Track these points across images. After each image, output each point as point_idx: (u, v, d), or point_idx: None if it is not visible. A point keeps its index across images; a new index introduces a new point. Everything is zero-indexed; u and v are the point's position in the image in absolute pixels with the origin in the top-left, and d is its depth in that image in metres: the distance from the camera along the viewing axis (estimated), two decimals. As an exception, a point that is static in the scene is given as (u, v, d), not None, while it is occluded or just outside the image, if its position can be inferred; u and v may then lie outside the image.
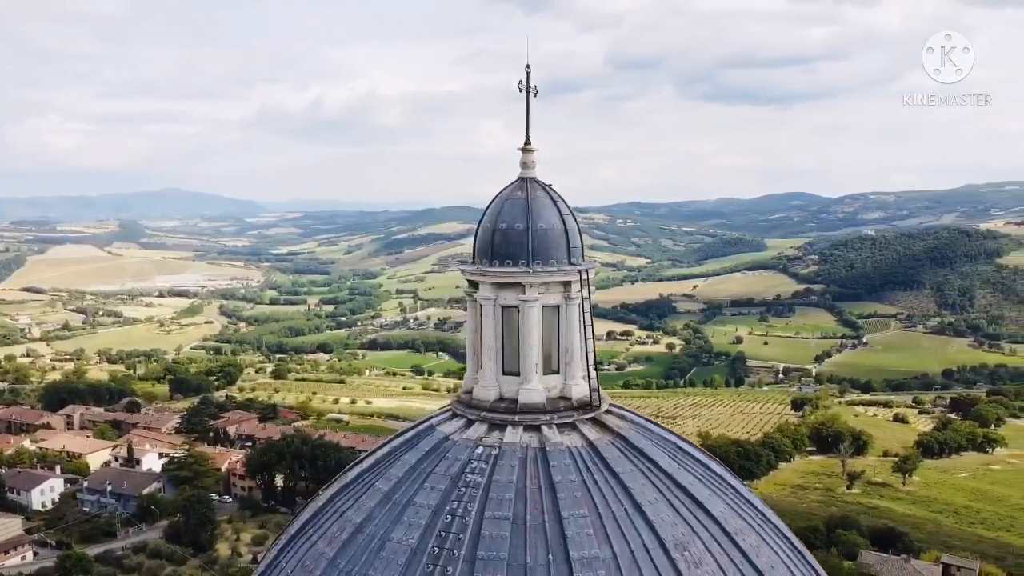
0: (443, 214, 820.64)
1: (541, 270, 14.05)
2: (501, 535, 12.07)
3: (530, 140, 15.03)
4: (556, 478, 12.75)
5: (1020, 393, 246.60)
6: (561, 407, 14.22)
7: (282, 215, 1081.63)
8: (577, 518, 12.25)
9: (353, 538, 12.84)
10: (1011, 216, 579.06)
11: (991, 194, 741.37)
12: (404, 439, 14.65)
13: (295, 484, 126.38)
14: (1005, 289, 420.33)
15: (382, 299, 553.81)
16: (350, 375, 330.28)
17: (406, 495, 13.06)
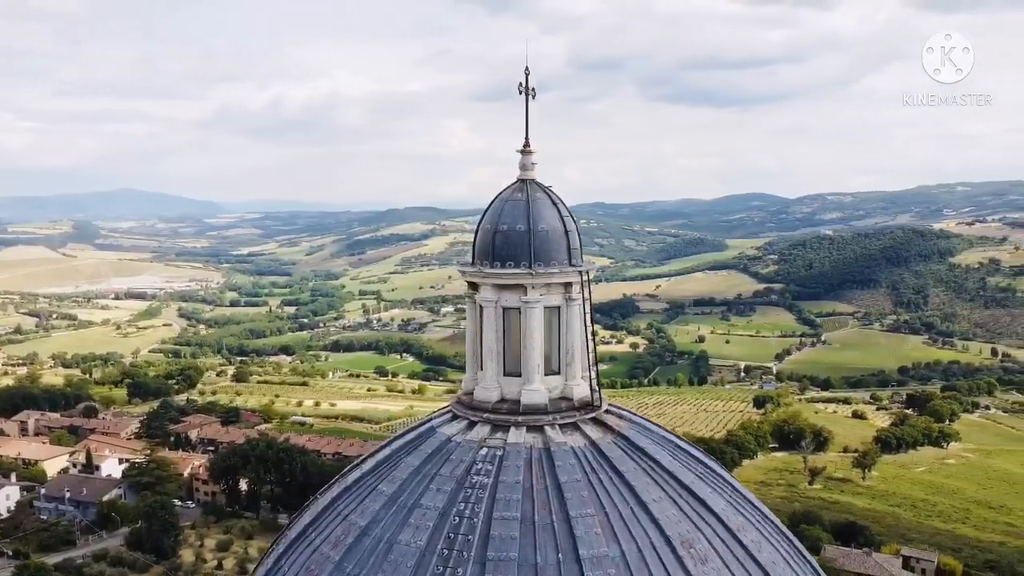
0: (406, 215, 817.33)
1: (543, 271, 14.13)
2: (511, 535, 12.13)
3: (529, 142, 15.06)
4: (562, 478, 12.84)
5: (973, 389, 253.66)
6: (563, 407, 14.31)
7: (242, 216, 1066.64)
8: (585, 517, 12.35)
9: (359, 541, 12.78)
10: (962, 216, 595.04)
11: (943, 195, 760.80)
12: (405, 441, 14.61)
13: (260, 488, 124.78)
14: (957, 288, 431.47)
15: (345, 300, 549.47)
16: (313, 377, 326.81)
17: (411, 497, 13.04)
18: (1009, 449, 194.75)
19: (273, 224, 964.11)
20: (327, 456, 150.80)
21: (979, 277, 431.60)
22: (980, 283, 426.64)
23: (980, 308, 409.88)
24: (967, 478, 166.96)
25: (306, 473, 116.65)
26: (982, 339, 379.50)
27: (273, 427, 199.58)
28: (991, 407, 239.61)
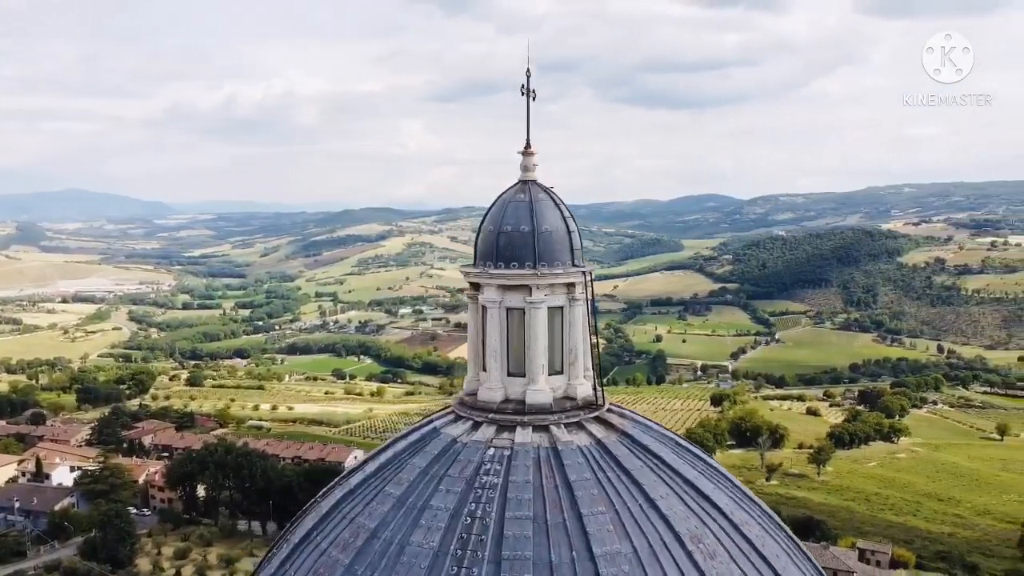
0: (362, 215, 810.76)
1: (548, 272, 14.21)
2: (524, 535, 12.18)
3: (530, 144, 15.13)
4: (572, 477, 12.93)
5: (921, 385, 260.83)
6: (568, 407, 14.42)
7: (194, 216, 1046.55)
8: (596, 515, 12.47)
9: (369, 544, 12.70)
10: (909, 217, 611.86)
11: (891, 196, 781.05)
12: (408, 443, 14.55)
13: (218, 494, 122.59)
14: (905, 286, 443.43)
15: (301, 302, 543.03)
16: (269, 381, 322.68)
17: (421, 499, 13.01)
18: (956, 443, 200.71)
19: (226, 225, 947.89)
20: (286, 460, 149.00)
21: (925, 276, 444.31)
22: (926, 282, 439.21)
23: (926, 306, 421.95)
24: (917, 472, 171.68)
25: (266, 478, 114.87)
26: (928, 336, 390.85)
27: (230, 432, 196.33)
28: (938, 402, 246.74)
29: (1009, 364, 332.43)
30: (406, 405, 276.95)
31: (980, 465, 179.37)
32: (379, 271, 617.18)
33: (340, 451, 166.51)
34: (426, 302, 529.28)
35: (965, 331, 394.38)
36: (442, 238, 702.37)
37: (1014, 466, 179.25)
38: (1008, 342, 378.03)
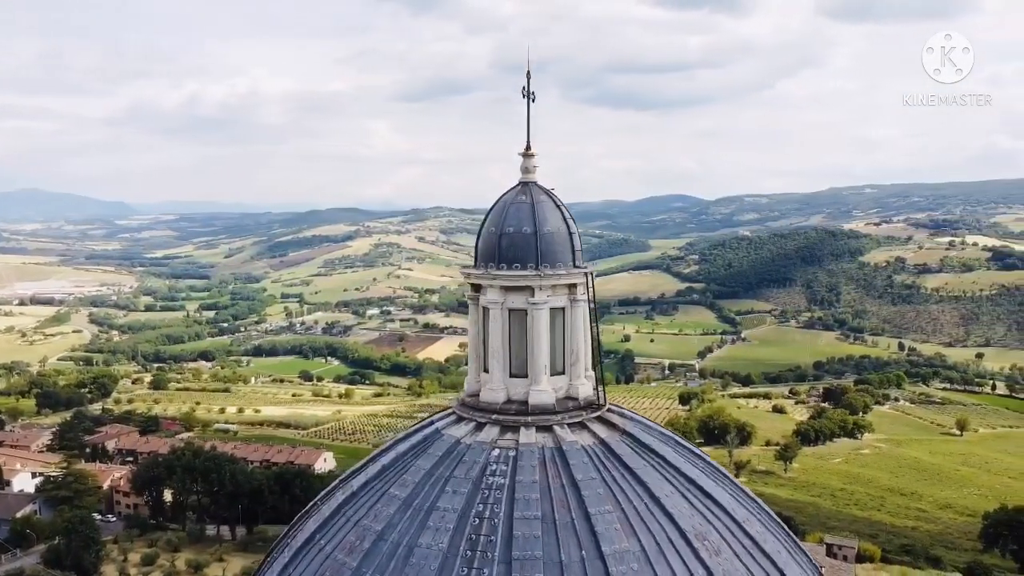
0: (328, 216, 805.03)
1: (551, 273, 14.29)
2: (533, 534, 12.24)
3: (530, 145, 15.19)
4: (578, 476, 13.02)
5: (883, 382, 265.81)
6: (570, 407, 14.51)
7: (156, 217, 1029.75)
8: (604, 514, 12.57)
9: (376, 546, 12.66)
10: (870, 217, 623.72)
11: (852, 196, 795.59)
12: (410, 444, 14.53)
13: (186, 499, 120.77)
14: (867, 285, 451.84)
15: (266, 303, 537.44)
16: (235, 383, 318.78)
17: (427, 500, 13.01)
18: (917, 439, 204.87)
19: (189, 226, 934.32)
20: (255, 464, 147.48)
21: (886, 275, 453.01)
22: (887, 281, 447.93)
23: (888, 305, 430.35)
24: (880, 467, 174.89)
25: (235, 482, 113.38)
26: (890, 334, 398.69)
27: (196, 435, 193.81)
28: (900, 399, 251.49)
29: (967, 361, 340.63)
30: (375, 407, 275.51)
31: (941, 460, 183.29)
32: (346, 272, 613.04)
33: (310, 454, 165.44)
34: (394, 303, 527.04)
35: (925, 329, 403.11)
36: (409, 238, 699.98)
37: (973, 460, 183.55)
38: (966, 339, 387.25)
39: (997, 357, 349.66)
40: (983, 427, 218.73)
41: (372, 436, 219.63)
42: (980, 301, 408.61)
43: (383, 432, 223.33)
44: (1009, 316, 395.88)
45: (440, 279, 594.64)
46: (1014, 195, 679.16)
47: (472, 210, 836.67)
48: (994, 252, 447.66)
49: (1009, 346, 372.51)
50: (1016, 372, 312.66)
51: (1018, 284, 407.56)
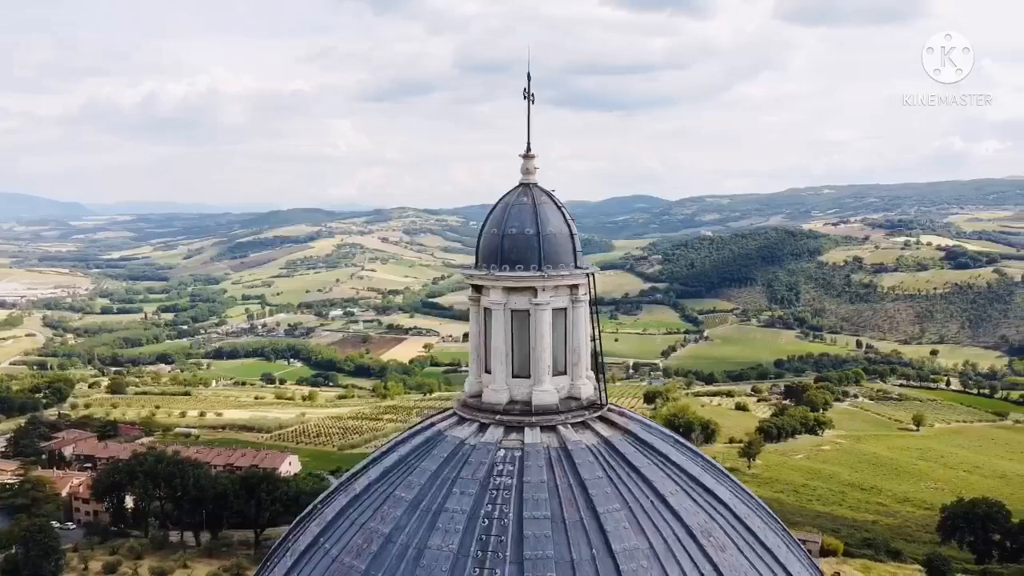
0: (290, 216, 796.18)
1: (554, 274, 14.37)
2: (544, 534, 12.30)
3: (531, 147, 15.25)
4: (584, 475, 13.11)
5: (842, 379, 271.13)
6: (573, 407, 14.60)
7: (112, 218, 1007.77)
8: (612, 512, 12.67)
9: (384, 548, 12.61)
10: (828, 217, 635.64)
11: (811, 197, 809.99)
12: (413, 446, 14.47)
13: (148, 505, 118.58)
14: (825, 284, 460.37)
15: (227, 305, 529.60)
16: (196, 386, 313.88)
17: (434, 502, 12.99)
18: (876, 434, 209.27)
19: (147, 226, 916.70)
20: (218, 468, 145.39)
21: (844, 274, 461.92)
22: (845, 280, 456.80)
23: (846, 303, 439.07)
24: (841, 463, 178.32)
25: (200, 487, 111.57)
26: (848, 332, 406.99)
27: (156, 440, 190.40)
28: (859, 396, 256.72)
29: (922, 358, 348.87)
30: (339, 409, 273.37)
31: (899, 455, 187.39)
32: (308, 273, 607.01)
33: (274, 457, 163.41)
34: (357, 304, 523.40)
35: (881, 327, 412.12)
36: (373, 239, 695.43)
37: (930, 455, 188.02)
38: (921, 337, 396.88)
39: (951, 354, 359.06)
40: (939, 422, 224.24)
41: (337, 439, 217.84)
42: (934, 299, 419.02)
43: (348, 434, 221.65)
44: (962, 314, 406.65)
45: (404, 280, 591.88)
46: (966, 196, 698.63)
47: (436, 211, 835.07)
48: (947, 252, 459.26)
49: (962, 343, 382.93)
50: (969, 368, 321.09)
51: (970, 283, 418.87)
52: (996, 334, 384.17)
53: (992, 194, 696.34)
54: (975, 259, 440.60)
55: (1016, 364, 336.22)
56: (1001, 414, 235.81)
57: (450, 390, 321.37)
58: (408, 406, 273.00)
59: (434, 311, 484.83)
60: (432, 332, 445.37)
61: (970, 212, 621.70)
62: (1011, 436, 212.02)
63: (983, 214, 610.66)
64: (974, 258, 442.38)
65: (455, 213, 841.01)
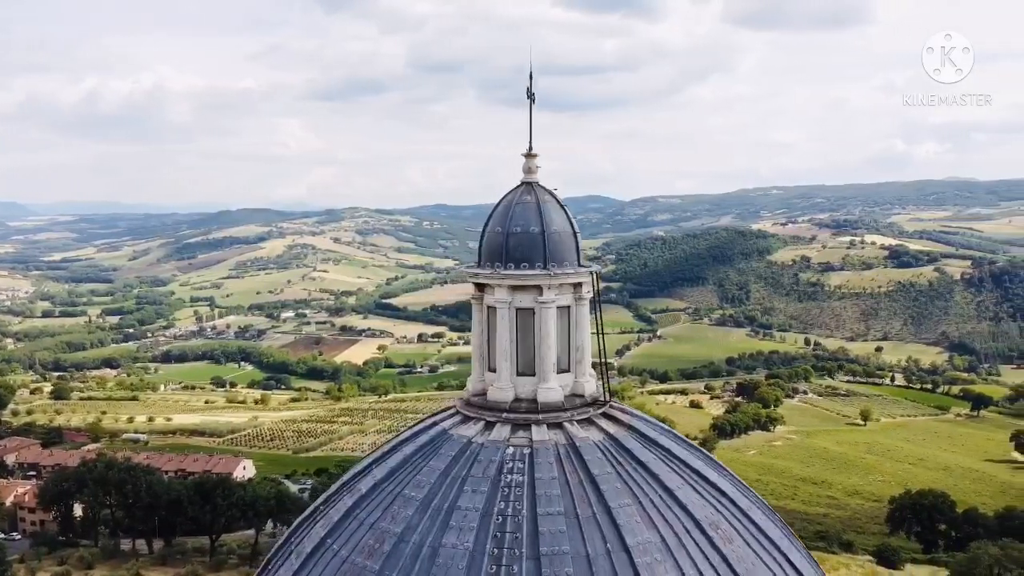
0: (239, 217, 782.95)
1: (560, 272, 14.47)
2: (559, 530, 12.39)
3: (532, 146, 15.34)
4: (594, 471, 13.24)
5: (792, 376, 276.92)
6: (578, 404, 14.74)
7: (53, 218, 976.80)
8: (624, 507, 12.82)
9: (397, 548, 12.55)
10: (777, 218, 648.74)
11: (760, 198, 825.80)
12: (417, 445, 14.41)
13: (98, 513, 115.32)
14: (774, 283, 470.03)
15: (175, 308, 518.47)
16: (144, 391, 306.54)
17: (445, 500, 12.98)
18: (825, 429, 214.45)
19: (90, 227, 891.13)
20: (169, 474, 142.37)
21: (792, 273, 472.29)
22: (793, 279, 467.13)
23: (794, 301, 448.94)
24: (792, 458, 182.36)
25: (153, 493, 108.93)
26: (796, 330, 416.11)
27: (103, 446, 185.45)
28: (808, 392, 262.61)
29: (868, 354, 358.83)
30: (293, 412, 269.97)
31: (848, 449, 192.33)
32: (259, 274, 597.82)
33: (228, 462, 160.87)
34: (309, 305, 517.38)
35: (828, 324, 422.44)
36: (324, 239, 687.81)
37: (877, 449, 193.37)
38: (866, 334, 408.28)
39: (895, 350, 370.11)
40: (884, 417, 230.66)
41: (292, 442, 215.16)
42: (878, 297, 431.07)
43: (303, 438, 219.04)
44: (905, 311, 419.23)
45: (357, 280, 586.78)
46: (908, 196, 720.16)
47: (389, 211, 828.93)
48: (891, 251, 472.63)
49: (905, 340, 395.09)
50: (912, 364, 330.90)
51: (912, 281, 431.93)
52: (937, 331, 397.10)
53: (932, 195, 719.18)
54: (917, 258, 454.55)
55: (956, 360, 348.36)
56: (943, 408, 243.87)
57: (405, 391, 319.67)
58: (363, 408, 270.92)
59: (388, 312, 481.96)
60: (386, 333, 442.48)
61: (912, 212, 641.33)
62: (953, 430, 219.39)
63: (924, 214, 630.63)
64: (916, 257, 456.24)
65: (408, 213, 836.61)
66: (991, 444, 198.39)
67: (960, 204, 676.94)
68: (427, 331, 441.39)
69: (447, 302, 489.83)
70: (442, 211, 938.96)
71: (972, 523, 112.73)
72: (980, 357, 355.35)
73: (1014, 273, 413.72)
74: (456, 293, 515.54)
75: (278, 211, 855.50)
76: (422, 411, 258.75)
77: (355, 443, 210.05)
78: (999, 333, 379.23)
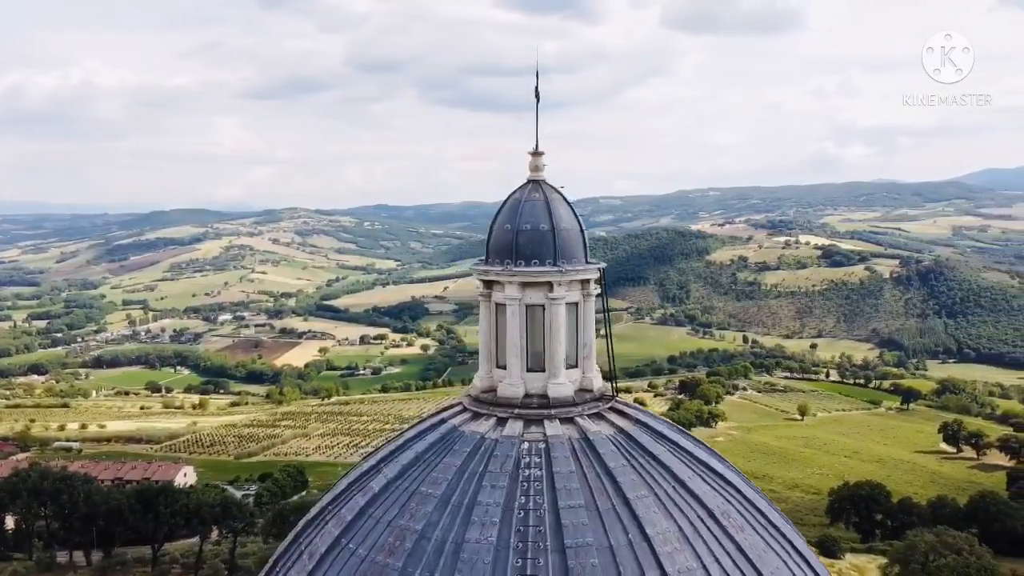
0: (174, 217, 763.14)
1: (570, 268, 14.64)
2: (581, 522, 12.57)
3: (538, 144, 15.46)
4: (610, 464, 13.44)
5: (732, 373, 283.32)
6: (587, 399, 14.95)
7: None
8: (641, 499, 13.07)
9: (419, 545, 12.54)
10: (715, 218, 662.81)
11: (699, 199, 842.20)
12: (428, 443, 14.40)
13: (32, 525, 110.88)
14: (713, 283, 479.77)
15: (106, 311, 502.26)
16: (74, 398, 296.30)
17: (465, 496, 13.03)
18: (765, 424, 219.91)
19: (13, 228, 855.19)
20: (107, 482, 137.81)
21: (731, 273, 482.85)
22: (732, 278, 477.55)
23: (732, 300, 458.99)
24: (734, 453, 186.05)
25: (90, 503, 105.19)
26: (735, 328, 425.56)
27: (34, 455, 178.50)
28: (748, 388, 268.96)
29: (803, 351, 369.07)
30: (233, 417, 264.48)
31: (786, 444, 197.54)
32: (195, 276, 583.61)
33: (167, 468, 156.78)
34: (248, 308, 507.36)
35: (765, 322, 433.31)
36: (263, 240, 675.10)
37: (815, 443, 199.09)
38: (801, 331, 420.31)
39: (829, 347, 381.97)
40: (821, 411, 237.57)
41: (233, 447, 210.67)
42: (812, 296, 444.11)
43: (245, 443, 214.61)
44: (838, 309, 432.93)
45: (297, 282, 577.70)
46: (839, 198, 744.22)
47: (329, 211, 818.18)
48: (823, 251, 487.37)
49: (838, 337, 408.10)
50: (845, 360, 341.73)
51: (844, 280, 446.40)
52: (868, 328, 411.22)
53: (862, 196, 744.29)
54: (848, 257, 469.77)
55: (886, 356, 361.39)
56: (875, 402, 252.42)
57: (348, 394, 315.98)
58: (306, 412, 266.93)
59: (329, 314, 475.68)
60: (328, 335, 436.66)
61: (843, 213, 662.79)
62: (885, 423, 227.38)
63: (855, 215, 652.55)
64: (847, 256, 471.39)
65: (349, 214, 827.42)
66: (920, 436, 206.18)
67: (888, 205, 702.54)
68: (369, 333, 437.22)
69: (389, 303, 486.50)
70: (383, 211, 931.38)
71: (907, 512, 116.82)
72: (908, 353, 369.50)
73: (939, 272, 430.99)
74: (398, 295, 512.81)
75: (215, 211, 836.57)
76: (367, 414, 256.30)
77: (299, 447, 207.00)
78: (926, 329, 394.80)
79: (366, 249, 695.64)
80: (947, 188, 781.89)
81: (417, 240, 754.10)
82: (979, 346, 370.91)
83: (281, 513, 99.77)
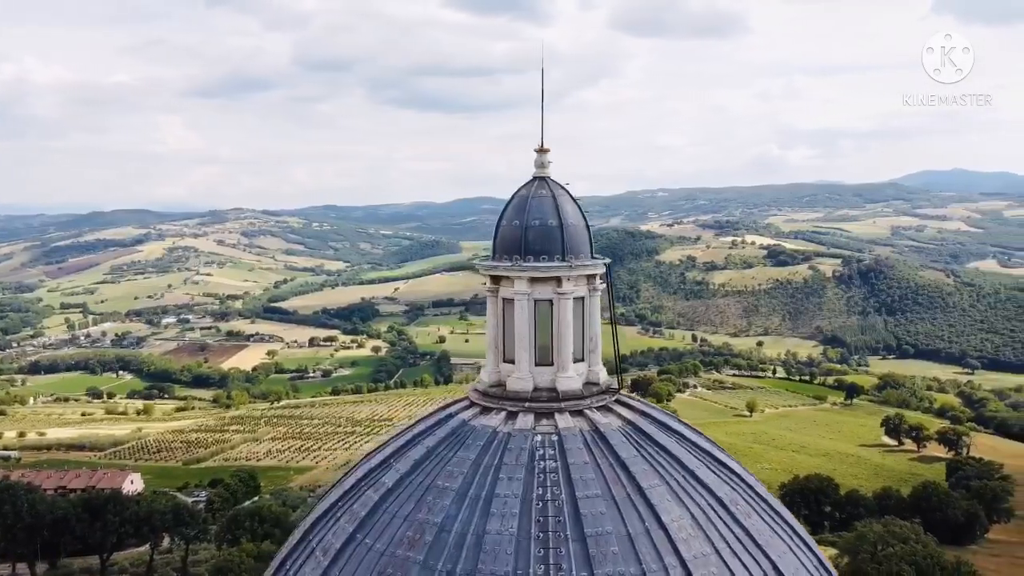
0: (115, 218, 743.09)
1: (578, 263, 14.85)
2: (599, 511, 12.81)
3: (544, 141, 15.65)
4: (622, 455, 13.70)
5: (682, 371, 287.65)
6: (595, 392, 15.19)
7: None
8: (655, 488, 13.37)
9: (439, 538, 12.63)
10: (664, 219, 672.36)
11: (648, 199, 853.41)
12: (439, 438, 14.45)
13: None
14: (663, 282, 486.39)
15: (43, 315, 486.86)
16: (11, 405, 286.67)
17: (482, 489, 13.16)
18: (715, 421, 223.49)
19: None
20: (49, 491, 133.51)
21: (679, 273, 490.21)
22: (680, 278, 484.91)
23: (681, 299, 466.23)
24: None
25: (35, 513, 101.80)
26: (684, 327, 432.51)
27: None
28: (698, 386, 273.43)
29: (750, 349, 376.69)
30: (180, 422, 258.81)
31: (736, 439, 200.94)
32: (136, 278, 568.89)
33: (113, 476, 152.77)
34: (192, 310, 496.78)
35: (713, 321, 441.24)
36: (208, 241, 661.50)
37: (763, 438, 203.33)
38: (748, 329, 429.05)
39: (774, 344, 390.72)
40: (768, 408, 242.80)
41: (181, 453, 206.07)
42: (758, 295, 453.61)
43: (193, 448, 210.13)
44: (783, 307, 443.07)
45: (243, 284, 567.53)
46: (783, 199, 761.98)
47: (276, 212, 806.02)
48: (769, 250, 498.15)
49: (784, 334, 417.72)
50: (790, 357, 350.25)
51: (789, 279, 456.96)
52: (812, 325, 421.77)
53: (805, 197, 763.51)
54: (792, 257, 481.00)
55: (830, 352, 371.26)
56: (820, 398, 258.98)
57: (298, 397, 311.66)
58: (255, 416, 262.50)
59: (277, 316, 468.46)
60: (276, 338, 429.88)
61: (787, 214, 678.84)
62: (830, 418, 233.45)
63: (798, 215, 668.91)
64: (792, 256, 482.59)
65: (296, 214, 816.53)
66: (864, 430, 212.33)
67: (830, 206, 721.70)
68: (319, 335, 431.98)
69: (339, 305, 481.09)
70: (332, 212, 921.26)
71: (854, 504, 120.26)
72: (851, 349, 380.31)
73: (879, 271, 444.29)
74: (347, 296, 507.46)
75: (157, 212, 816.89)
76: (318, 417, 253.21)
77: (249, 451, 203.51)
78: (867, 327, 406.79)
79: (314, 250, 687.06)
80: (886, 189, 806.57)
81: (367, 241, 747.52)
82: (917, 342, 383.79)
83: (235, 519, 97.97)
